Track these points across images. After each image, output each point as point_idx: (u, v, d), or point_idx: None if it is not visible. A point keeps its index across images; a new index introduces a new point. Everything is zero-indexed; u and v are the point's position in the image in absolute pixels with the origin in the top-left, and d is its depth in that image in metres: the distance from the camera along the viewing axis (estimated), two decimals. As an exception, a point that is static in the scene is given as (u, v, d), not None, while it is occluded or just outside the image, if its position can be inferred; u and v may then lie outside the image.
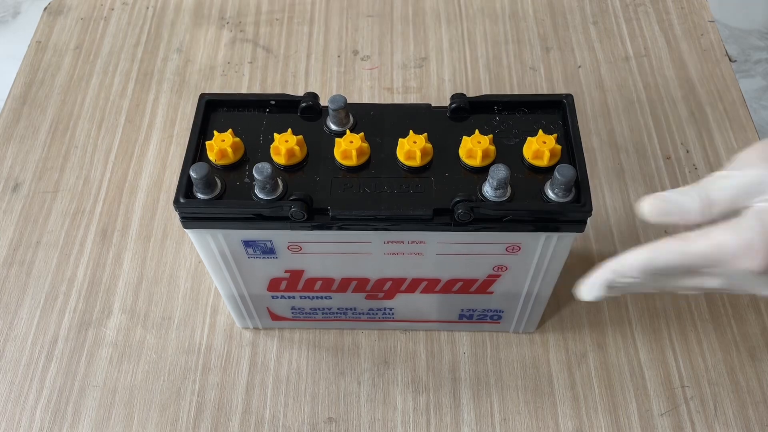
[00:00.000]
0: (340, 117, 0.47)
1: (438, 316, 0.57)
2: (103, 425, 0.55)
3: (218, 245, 0.47)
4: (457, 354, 0.59)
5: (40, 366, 0.58)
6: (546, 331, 0.60)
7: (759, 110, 1.30)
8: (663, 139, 0.73)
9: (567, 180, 0.42)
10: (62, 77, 0.80)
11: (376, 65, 0.80)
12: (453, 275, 0.51)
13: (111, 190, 0.70)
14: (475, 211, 0.43)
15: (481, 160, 0.44)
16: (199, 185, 0.43)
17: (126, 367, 0.58)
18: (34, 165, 0.72)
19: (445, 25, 0.84)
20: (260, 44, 0.83)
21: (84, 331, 0.60)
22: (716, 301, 0.62)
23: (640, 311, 0.61)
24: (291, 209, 0.43)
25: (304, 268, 0.50)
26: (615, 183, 0.69)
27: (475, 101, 0.48)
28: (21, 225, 0.67)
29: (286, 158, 0.45)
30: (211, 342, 0.60)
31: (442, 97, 0.77)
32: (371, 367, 0.58)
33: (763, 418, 0.55)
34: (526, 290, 0.52)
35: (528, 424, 0.55)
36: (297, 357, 0.59)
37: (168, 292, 0.63)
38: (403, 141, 0.45)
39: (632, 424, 0.55)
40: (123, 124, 0.75)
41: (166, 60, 0.81)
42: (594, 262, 0.63)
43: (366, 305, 0.56)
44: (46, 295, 0.62)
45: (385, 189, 0.44)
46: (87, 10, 0.87)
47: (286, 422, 0.55)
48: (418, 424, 0.55)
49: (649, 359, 0.58)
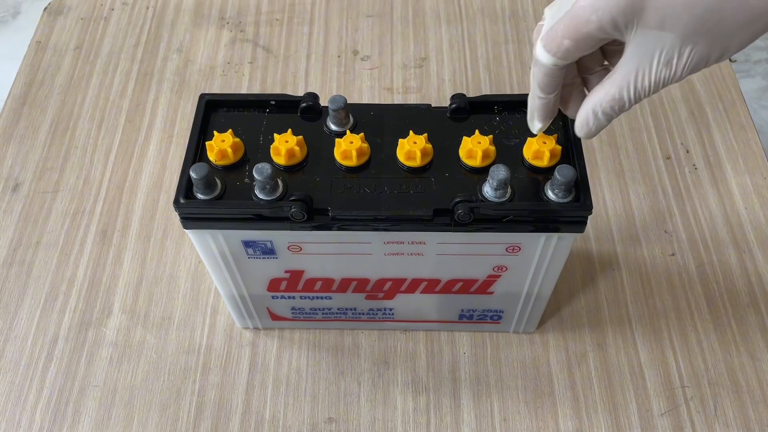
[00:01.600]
0: (340, 117, 0.47)
1: (438, 316, 0.57)
2: (103, 425, 0.55)
3: (218, 245, 0.47)
4: (457, 354, 0.59)
5: (40, 366, 0.58)
6: (546, 331, 0.60)
7: (759, 110, 1.30)
8: (663, 139, 0.73)
9: (567, 180, 0.42)
10: (62, 77, 0.80)
11: (376, 65, 0.80)
12: (453, 275, 0.51)
13: (111, 190, 0.70)
14: (475, 212, 0.43)
15: (481, 161, 0.44)
16: (199, 186, 0.43)
17: (126, 367, 0.58)
18: (34, 165, 0.72)
19: (445, 25, 0.84)
20: (260, 44, 0.83)
21: (84, 331, 0.60)
22: (716, 301, 0.62)
23: (640, 311, 0.61)
24: (291, 210, 0.43)
25: (304, 269, 0.50)
26: (615, 183, 0.69)
27: (475, 101, 0.48)
28: (21, 225, 0.67)
29: (286, 158, 0.45)
30: (211, 342, 0.60)
31: (442, 97, 0.77)
32: (371, 367, 0.58)
33: (763, 418, 0.55)
34: (526, 290, 0.52)
35: (528, 424, 0.55)
36: (297, 357, 0.59)
37: (168, 292, 0.63)
38: (403, 141, 0.45)
39: (632, 424, 0.55)
40: (123, 124, 0.75)
41: (166, 60, 0.81)
42: (594, 262, 0.64)
43: (366, 305, 0.56)
44: (46, 295, 0.62)
45: (385, 189, 0.44)
46: (87, 10, 0.87)
47: (286, 422, 0.55)
48: (418, 424, 0.55)
49: (649, 359, 0.58)
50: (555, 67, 0.38)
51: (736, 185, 0.69)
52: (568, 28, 0.36)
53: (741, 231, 0.66)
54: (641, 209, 0.67)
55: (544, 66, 0.39)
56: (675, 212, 0.67)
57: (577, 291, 0.62)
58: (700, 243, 0.65)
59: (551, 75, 0.39)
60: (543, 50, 0.38)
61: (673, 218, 0.67)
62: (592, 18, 0.35)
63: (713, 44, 0.34)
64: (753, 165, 0.70)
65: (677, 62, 0.35)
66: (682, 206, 0.68)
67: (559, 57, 0.37)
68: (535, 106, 0.42)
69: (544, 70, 0.39)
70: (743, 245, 0.65)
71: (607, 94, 0.38)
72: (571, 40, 0.36)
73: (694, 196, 0.68)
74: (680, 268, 0.63)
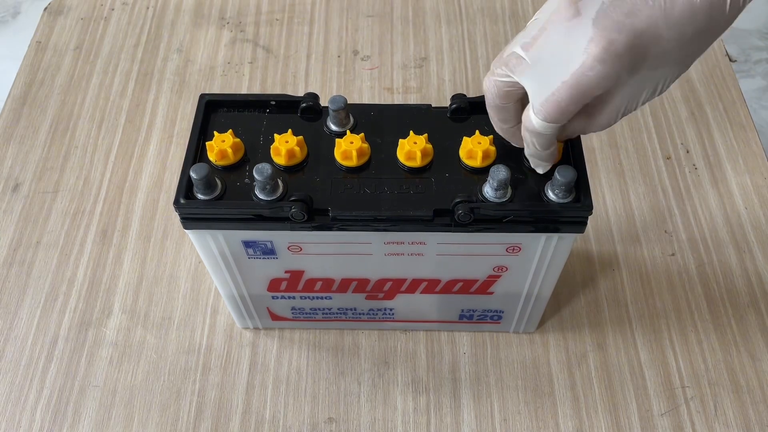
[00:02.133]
0: (341, 117, 0.47)
1: (438, 316, 0.57)
2: (103, 425, 0.55)
3: (218, 246, 0.47)
4: (457, 354, 0.59)
5: (40, 366, 0.58)
6: (546, 331, 0.60)
7: (759, 110, 1.30)
8: (663, 139, 0.73)
9: (567, 181, 0.42)
10: (62, 77, 0.80)
11: (376, 65, 0.80)
12: (453, 276, 0.51)
13: (111, 190, 0.70)
14: (475, 212, 0.43)
15: (481, 161, 0.44)
16: (199, 186, 0.43)
17: (126, 367, 0.58)
18: (34, 165, 0.72)
19: (445, 25, 0.84)
20: (260, 44, 0.83)
21: (84, 331, 0.60)
22: (716, 301, 0.62)
23: (640, 311, 0.61)
24: (291, 210, 0.43)
25: (304, 269, 0.50)
26: (615, 183, 0.69)
27: (475, 101, 0.48)
28: (21, 225, 0.67)
29: (287, 159, 0.45)
30: (211, 342, 0.60)
31: (442, 97, 0.77)
32: (371, 367, 0.58)
33: (763, 418, 0.55)
34: (527, 290, 0.52)
35: (528, 424, 0.55)
36: (297, 357, 0.59)
37: (168, 292, 0.63)
38: (403, 141, 0.45)
39: (632, 424, 0.55)
40: (123, 124, 0.75)
41: (166, 60, 0.81)
42: (594, 262, 0.64)
43: (366, 305, 0.56)
44: (46, 295, 0.62)
45: (386, 190, 0.44)
46: (87, 10, 0.87)
47: (286, 422, 0.55)
48: (418, 424, 0.55)
49: (649, 359, 0.58)
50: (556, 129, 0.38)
51: (736, 185, 0.69)
52: (573, 96, 0.35)
53: (741, 231, 0.66)
54: (641, 209, 0.67)
55: (546, 135, 0.38)
56: (675, 212, 0.67)
57: (577, 291, 0.62)
58: (700, 243, 0.65)
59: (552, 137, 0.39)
60: (542, 122, 0.37)
61: (673, 218, 0.67)
62: (601, 84, 0.35)
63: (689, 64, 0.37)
64: (753, 165, 0.70)
65: (662, 87, 0.37)
66: (682, 206, 0.68)
67: (561, 122, 0.37)
68: (540, 156, 0.42)
69: (547, 137, 0.39)
70: (743, 245, 0.65)
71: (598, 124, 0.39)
72: (577, 105, 0.36)
73: (694, 196, 0.68)
74: (680, 268, 0.64)
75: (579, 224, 0.44)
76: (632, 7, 0.33)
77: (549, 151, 0.41)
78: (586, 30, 0.34)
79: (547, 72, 0.36)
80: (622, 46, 0.33)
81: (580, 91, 0.35)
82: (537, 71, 0.36)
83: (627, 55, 0.34)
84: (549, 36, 0.36)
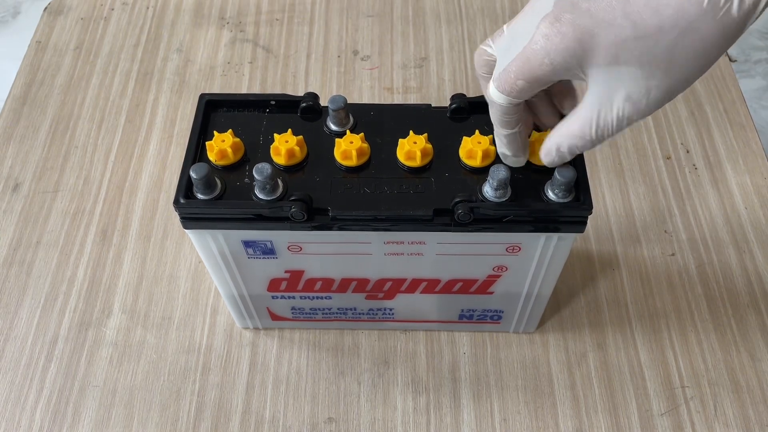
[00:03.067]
0: (340, 117, 0.47)
1: (438, 316, 0.57)
2: (103, 425, 0.55)
3: (218, 245, 0.47)
4: (457, 354, 0.59)
5: (40, 366, 0.58)
6: (546, 331, 0.60)
7: (759, 110, 1.30)
8: (663, 138, 0.73)
9: (567, 180, 0.42)
10: (62, 77, 0.80)
11: (376, 65, 0.80)
12: (453, 275, 0.51)
13: (111, 190, 0.70)
14: (475, 212, 0.43)
15: (481, 161, 0.44)
16: (199, 186, 0.43)
17: (126, 367, 0.58)
18: (34, 165, 0.72)
19: (445, 25, 0.84)
20: (260, 44, 0.83)
21: (84, 331, 0.60)
22: (716, 301, 0.62)
23: (640, 311, 0.61)
24: (291, 210, 0.43)
25: (304, 269, 0.50)
26: (615, 183, 0.69)
27: (475, 101, 0.48)
28: (21, 225, 0.67)
29: (286, 158, 0.45)
30: (211, 342, 0.60)
31: (442, 97, 0.77)
32: (371, 367, 0.58)
33: (763, 418, 0.55)
34: (526, 290, 0.52)
35: (528, 424, 0.55)
36: (297, 357, 0.59)
37: (168, 292, 0.63)
38: (403, 141, 0.45)
39: (632, 424, 0.55)
40: (123, 124, 0.75)
41: (166, 60, 0.81)
42: (594, 262, 0.64)
43: (366, 305, 0.56)
44: (46, 295, 0.62)
45: (385, 189, 0.44)
46: (87, 10, 0.87)
47: (286, 422, 0.55)
48: (418, 424, 0.55)
49: (649, 359, 0.58)
50: (510, 105, 0.38)
51: (736, 185, 0.69)
52: (521, 70, 0.36)
53: (741, 231, 0.66)
54: (641, 209, 0.67)
55: (500, 106, 0.39)
56: (675, 212, 0.67)
57: (577, 291, 0.62)
58: (700, 243, 0.65)
59: (509, 113, 0.39)
60: (497, 91, 0.38)
61: (673, 218, 0.67)
62: (545, 61, 0.34)
63: (672, 74, 0.33)
64: (753, 165, 0.70)
65: (639, 96, 0.34)
66: (682, 206, 0.68)
67: (513, 96, 0.37)
68: (503, 143, 0.42)
69: (501, 109, 0.39)
70: (743, 245, 0.65)
71: (569, 131, 0.37)
72: (525, 81, 0.36)
73: (694, 196, 0.68)
74: (680, 268, 0.64)
75: (579, 224, 0.44)
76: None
77: (512, 135, 0.41)
78: (548, 8, 0.34)
79: (514, 45, 0.37)
80: (568, 24, 0.33)
81: (528, 66, 0.35)
82: (507, 43, 0.38)
83: (572, 34, 0.33)
84: (526, 14, 0.38)
